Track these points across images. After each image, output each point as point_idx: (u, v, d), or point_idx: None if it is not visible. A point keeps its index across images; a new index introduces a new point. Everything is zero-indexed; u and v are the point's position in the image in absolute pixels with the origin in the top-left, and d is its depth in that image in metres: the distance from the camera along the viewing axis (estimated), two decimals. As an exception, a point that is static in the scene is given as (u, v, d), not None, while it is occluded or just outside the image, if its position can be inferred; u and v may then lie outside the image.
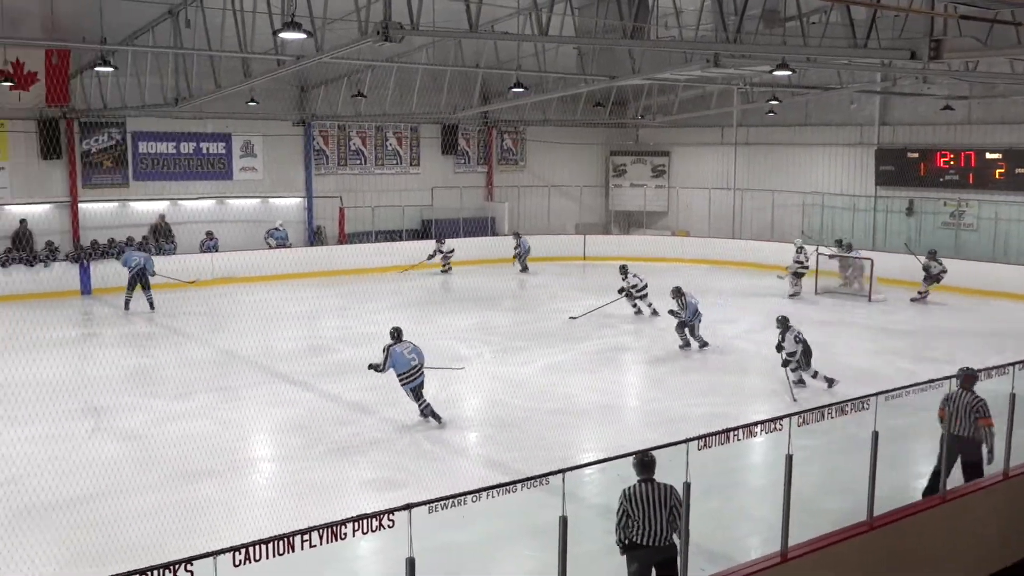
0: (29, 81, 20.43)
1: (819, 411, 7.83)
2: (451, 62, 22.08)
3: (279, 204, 26.83)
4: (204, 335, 18.23)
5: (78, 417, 12.28)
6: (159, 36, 18.53)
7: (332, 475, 10.24)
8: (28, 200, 22.84)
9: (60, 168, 23.34)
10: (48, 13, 18.57)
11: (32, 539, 8.28)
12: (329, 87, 26.11)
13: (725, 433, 7.08)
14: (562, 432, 11.91)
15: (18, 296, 20.75)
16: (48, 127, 22.75)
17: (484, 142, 30.90)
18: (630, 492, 6.92)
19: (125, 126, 24.12)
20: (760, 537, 8.60)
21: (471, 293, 20.75)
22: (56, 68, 20.62)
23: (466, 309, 20.33)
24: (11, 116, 22.15)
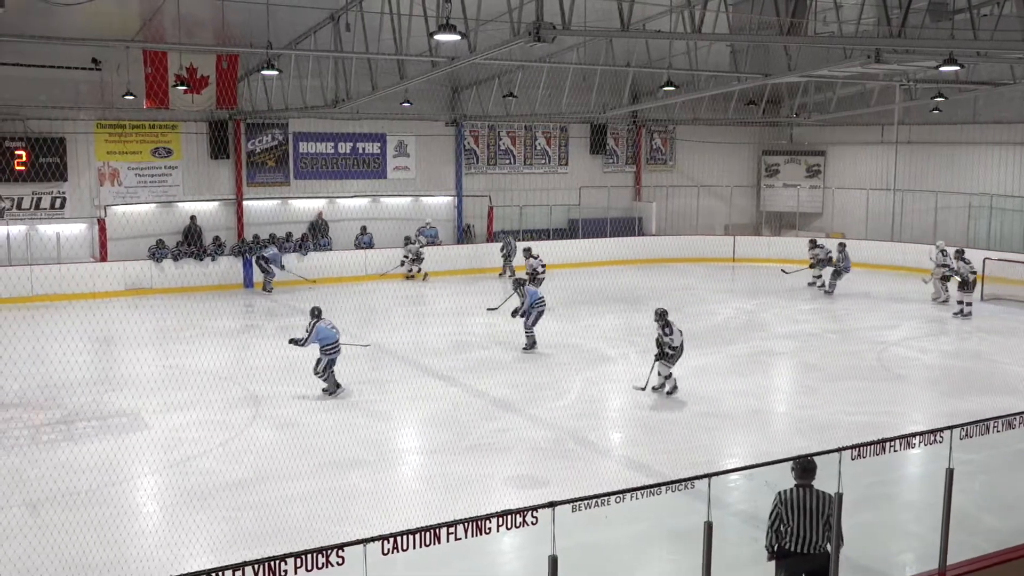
0: (201, 85, 21.60)
1: (983, 424, 7.42)
2: (602, 61, 22.04)
3: (430, 202, 27.44)
4: (356, 329, 18.83)
5: (240, 405, 12.92)
6: (320, 40, 19.28)
7: (477, 470, 10.40)
8: (198, 197, 24.22)
9: (227, 167, 24.62)
10: (219, 21, 19.58)
11: (199, 518, 8.78)
12: (480, 87, 26.51)
13: (881, 444, 6.81)
14: (708, 436, 11.72)
15: (188, 288, 22.03)
16: (217, 128, 24.08)
17: (633, 141, 30.70)
18: (786, 496, 6.74)
19: (287, 127, 25.23)
20: (915, 554, 8.23)
21: (616, 293, 20.64)
22: (226, 72, 21.73)
23: (611, 309, 20.26)
24: (185, 119, 23.54)
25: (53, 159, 22.15)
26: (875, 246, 27.48)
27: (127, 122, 23.12)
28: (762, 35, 18.43)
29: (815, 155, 31.42)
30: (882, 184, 29.34)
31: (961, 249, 21.01)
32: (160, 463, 10.58)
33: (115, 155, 23.16)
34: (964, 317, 19.27)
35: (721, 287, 24.11)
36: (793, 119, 29.81)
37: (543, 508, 5.56)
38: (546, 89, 25.36)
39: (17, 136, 21.75)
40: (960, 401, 13.22)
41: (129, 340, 17.12)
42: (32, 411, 12.56)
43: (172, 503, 9.47)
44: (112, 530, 8.54)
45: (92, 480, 9.76)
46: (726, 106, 28.08)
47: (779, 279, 23.12)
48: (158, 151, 23.67)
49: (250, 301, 21.96)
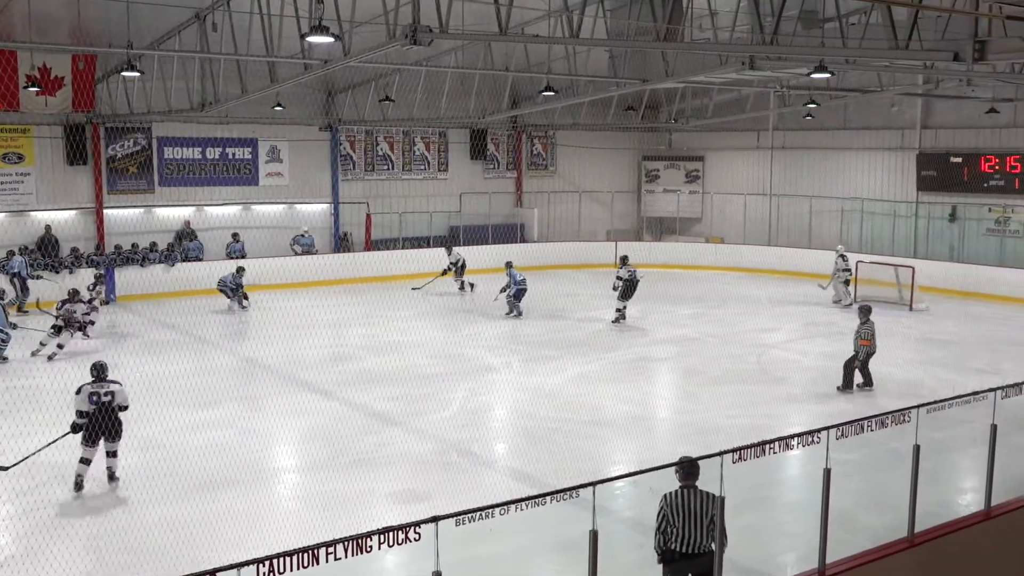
0: (55, 86, 20.74)
1: (858, 424, 7.75)
2: (480, 65, 22.15)
3: (305, 210, 27.02)
4: (227, 343, 18.38)
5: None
6: (185, 40, 18.77)
7: (357, 486, 10.28)
8: (54, 206, 23.17)
9: (86, 174, 23.65)
10: (75, 19, 18.84)
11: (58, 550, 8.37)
12: (356, 91, 26.28)
13: (760, 446, 7.03)
14: (592, 444, 11.88)
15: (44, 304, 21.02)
16: (74, 133, 23.08)
17: (513, 147, 30.94)
18: (671, 498, 6.92)
19: (151, 131, 24.42)
20: (797, 554, 8.53)
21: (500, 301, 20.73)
22: (82, 73, 20.92)
23: (494, 318, 20.34)
24: (37, 122, 22.49)
25: None
26: (753, 250, 28.48)
27: (-28, 125, 21.96)
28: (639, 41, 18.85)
29: (694, 160, 32.33)
30: (759, 189, 30.45)
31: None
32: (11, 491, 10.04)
33: (-41, 160, 21.97)
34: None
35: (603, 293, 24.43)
36: (672, 124, 30.62)
37: (426, 523, 5.53)
38: (424, 93, 25.34)
39: None
40: (838, 402, 13.78)
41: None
42: None
43: (25, 534, 9.00)
44: (-41, 566, 8.08)
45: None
46: (606, 111, 28.63)
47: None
48: (8, 157, 22.53)
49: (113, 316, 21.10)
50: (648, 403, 14.45)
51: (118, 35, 17.57)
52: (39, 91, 20.05)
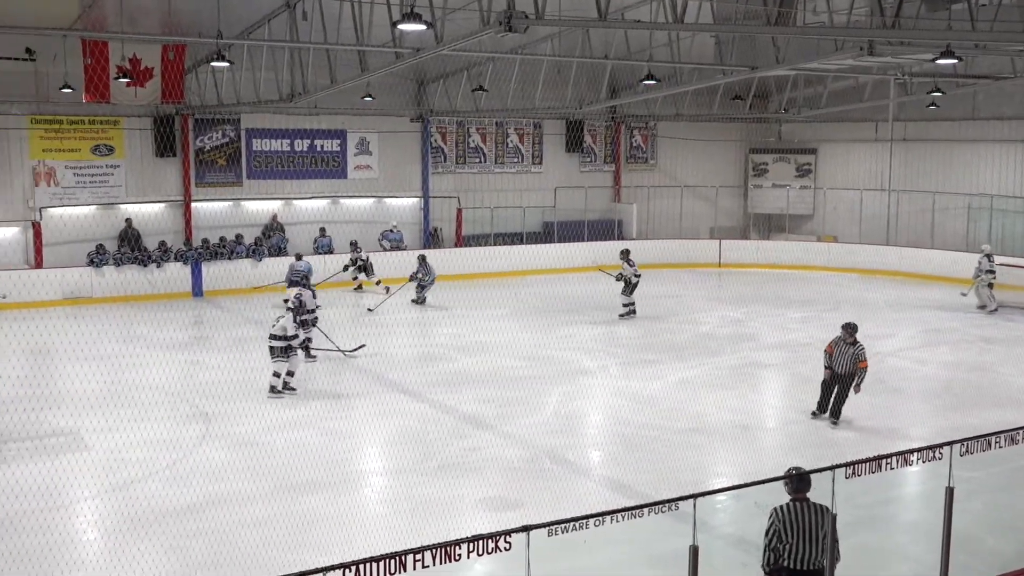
0: (145, 77, 21.42)
1: (985, 439, 7.51)
2: (578, 53, 22.12)
3: (394, 204, 27.40)
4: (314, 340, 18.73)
5: (188, 423, 12.83)
6: (275, 29, 19.20)
7: (446, 492, 10.38)
8: (142, 199, 24.02)
9: (174, 166, 24.45)
10: (166, 9, 19.46)
11: (144, 547, 8.68)
12: (448, 81, 26.52)
13: (876, 461, 6.87)
14: (693, 454, 11.77)
15: (131, 297, 21.83)
16: (163, 124, 23.88)
17: (612, 139, 30.82)
18: (784, 512, 6.79)
19: (239, 123, 25.10)
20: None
21: (595, 301, 20.69)
22: (172, 64, 21.56)
23: (590, 319, 20.31)
24: (127, 113, 23.34)
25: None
26: (869, 250, 27.80)
27: (64, 117, 22.91)
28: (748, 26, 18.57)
29: (805, 153, 31.72)
30: (876, 184, 29.68)
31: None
32: (101, 487, 10.46)
33: (51, 153, 22.94)
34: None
35: (706, 294, 24.23)
36: (782, 115, 30.09)
37: (517, 532, 5.56)
38: (518, 83, 25.40)
39: (-58, 132, 21.49)
40: (961, 415, 13.38)
41: (67, 353, 16.92)
42: (-40, 431, 12.38)
43: (114, 530, 9.36)
44: (49, 560, 8.44)
45: (26, 505, 9.64)
46: (711, 101, 28.29)
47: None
48: (98, 148, 23.47)
49: (199, 311, 21.79)
50: (754, 412, 14.24)
51: (208, 25, 18.07)
52: (129, 82, 20.72)
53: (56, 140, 22.96)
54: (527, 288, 22.91)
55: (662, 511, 6.13)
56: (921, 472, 8.39)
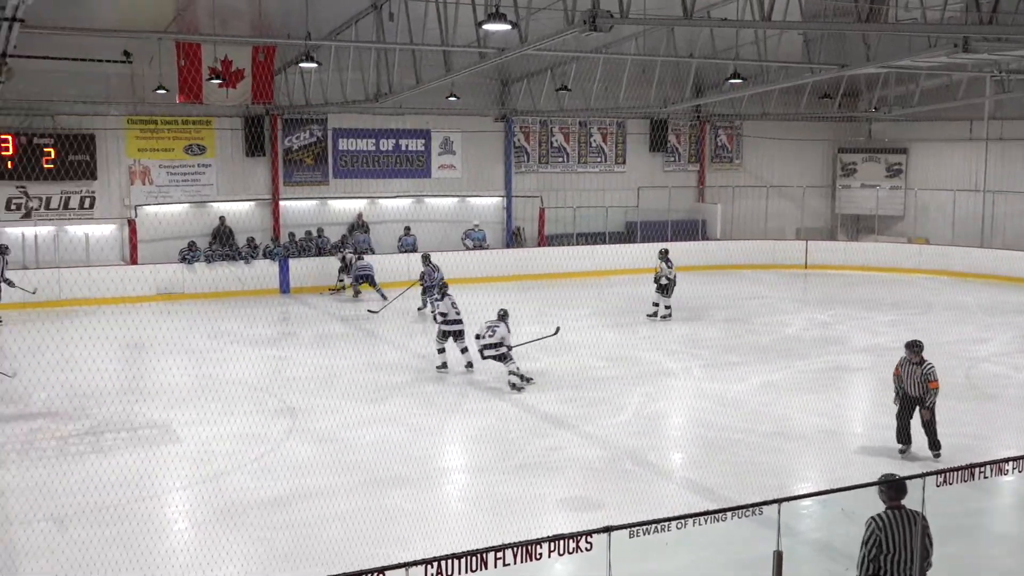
0: (236, 79, 21.92)
1: (1085, 449, 7.25)
2: (662, 52, 21.97)
3: (477, 203, 27.55)
4: (398, 338, 18.98)
5: (275, 417, 13.08)
6: (362, 30, 19.47)
7: (527, 491, 10.41)
8: (232, 197, 24.59)
9: (263, 165, 24.96)
10: (256, 10, 19.88)
11: (231, 537, 8.88)
12: (531, 81, 26.57)
13: (969, 469, 6.68)
14: (777, 458, 11.60)
15: (221, 293, 22.34)
16: (253, 124, 24.42)
17: (696, 138, 30.54)
18: (884, 521, 6.54)
19: (326, 123, 25.52)
20: (1009, 591, 8.07)
21: (678, 302, 20.52)
22: (262, 65, 22.03)
23: (672, 319, 20.15)
24: (219, 114, 23.93)
25: (83, 157, 22.69)
26: (963, 252, 27.03)
27: (159, 118, 23.58)
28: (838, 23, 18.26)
29: (896, 153, 30.98)
30: (971, 184, 28.82)
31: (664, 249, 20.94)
32: (191, 478, 10.74)
33: (146, 152, 23.63)
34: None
35: (792, 296, 23.86)
36: (872, 114, 29.42)
37: (598, 533, 5.55)
38: (602, 82, 25.34)
39: (46, 133, 22.30)
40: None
41: (160, 347, 17.43)
42: (59, 421, 12.83)
43: (203, 521, 9.60)
44: (141, 548, 8.69)
45: (121, 495, 9.94)
46: (798, 100, 27.83)
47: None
48: (191, 148, 24.09)
49: (286, 307, 22.22)
50: (841, 416, 13.97)
51: (297, 26, 18.42)
52: (221, 83, 21.24)
53: (151, 140, 23.65)
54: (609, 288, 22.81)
55: (745, 515, 6.06)
56: (1016, 482, 8.14)
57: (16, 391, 13.62)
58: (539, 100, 26.72)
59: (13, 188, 22.35)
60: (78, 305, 20.39)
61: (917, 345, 11.56)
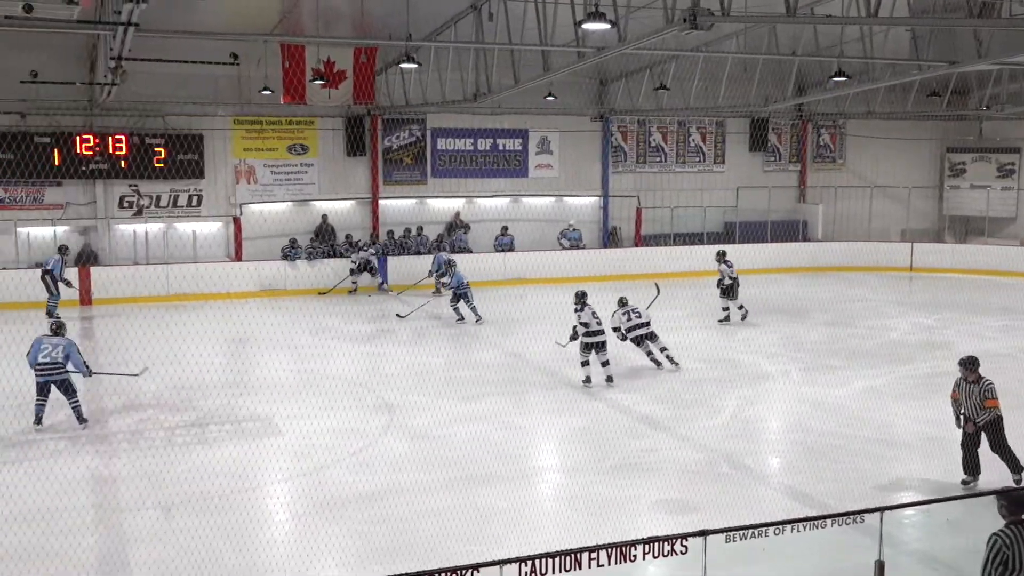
0: (339, 79, 22.34)
1: None
2: (764, 50, 21.62)
3: (574, 203, 27.54)
4: (493, 336, 19.08)
5: (373, 413, 13.28)
6: (461, 31, 19.63)
7: (621, 492, 10.35)
8: (333, 196, 25.08)
9: (363, 165, 25.39)
10: (358, 12, 20.22)
11: (330, 530, 9.06)
12: (630, 80, 26.44)
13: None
14: (880, 465, 11.30)
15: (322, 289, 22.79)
16: (354, 124, 24.88)
17: (798, 137, 30.01)
18: (1007, 538, 6.13)
19: (425, 123, 25.84)
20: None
21: (777, 304, 20.17)
22: (364, 66, 22.41)
23: (771, 321, 19.83)
24: (321, 114, 24.43)
25: (191, 156, 23.42)
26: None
27: (264, 118, 24.19)
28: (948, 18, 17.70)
29: (1008, 152, 29.92)
30: (1088, 185, 27.69)
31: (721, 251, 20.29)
32: (292, 471, 10.98)
33: (251, 152, 24.26)
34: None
35: (897, 299, 23.24)
36: (983, 112, 28.42)
37: (694, 536, 5.51)
38: (701, 81, 25.06)
39: (157, 133, 23.07)
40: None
41: (262, 343, 17.87)
42: (167, 413, 13.26)
43: (303, 513, 9.81)
44: (243, 537, 8.91)
45: (224, 485, 10.22)
46: (905, 98, 27.08)
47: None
48: (294, 148, 24.64)
49: (384, 305, 22.53)
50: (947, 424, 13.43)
51: (397, 27, 18.67)
52: (324, 84, 21.67)
53: (256, 140, 24.28)
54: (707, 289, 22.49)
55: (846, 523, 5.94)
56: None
57: (126, 383, 14.12)
58: (637, 99, 26.57)
59: (126, 187, 23.22)
60: (185, 300, 21.02)
61: (972, 362, 10.52)
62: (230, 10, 20.52)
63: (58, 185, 22.83)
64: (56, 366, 12.16)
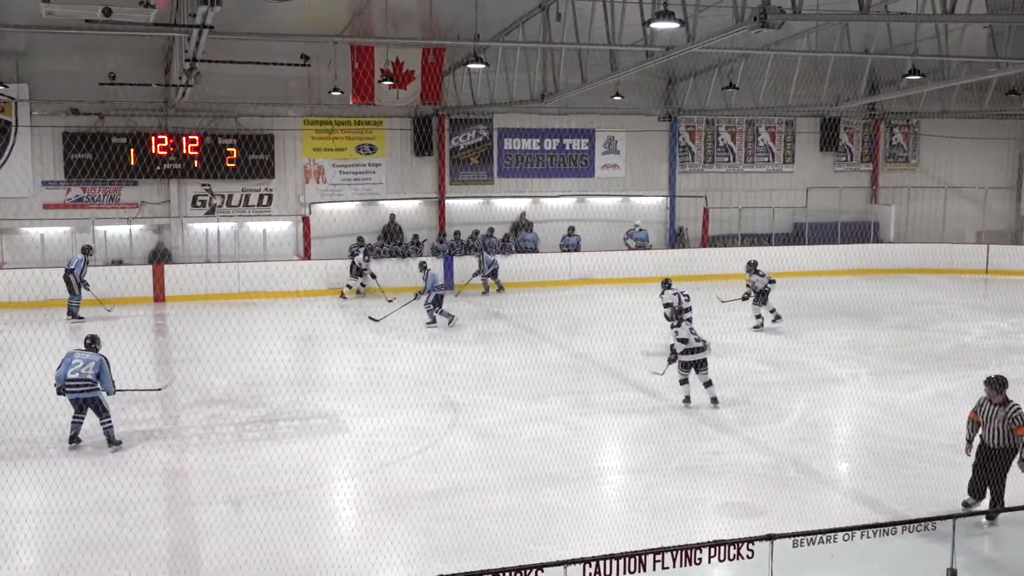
0: (407, 80, 22.54)
1: None
2: (836, 48, 21.30)
3: (640, 203, 27.41)
4: (558, 336, 19.07)
5: (438, 411, 13.36)
6: (529, 31, 19.66)
7: (686, 494, 10.28)
8: (400, 195, 25.29)
9: (430, 165, 25.56)
10: (427, 13, 20.36)
11: (395, 527, 9.14)
12: (698, 79, 26.23)
13: None
14: (952, 472, 11.02)
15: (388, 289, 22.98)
16: (421, 125, 25.06)
17: (870, 137, 29.50)
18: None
19: (492, 123, 25.92)
20: None
21: (847, 307, 19.85)
22: (432, 67, 22.57)
23: (841, 324, 19.52)
24: (389, 115, 24.66)
25: (262, 156, 23.82)
26: None
27: (333, 119, 24.48)
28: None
29: (1090, 152, 29.08)
30: None
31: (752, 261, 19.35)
32: (358, 468, 11.09)
33: (321, 152, 24.57)
34: None
35: (971, 303, 22.72)
36: (1064, 110, 27.71)
37: (760, 541, 5.46)
38: (771, 80, 24.77)
39: (229, 133, 23.49)
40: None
41: (330, 340, 18.09)
42: (237, 408, 13.49)
43: (368, 509, 9.91)
44: (310, 533, 9.04)
45: (292, 481, 10.37)
46: (981, 97, 26.44)
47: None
48: (362, 148, 24.90)
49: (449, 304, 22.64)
50: (1022, 431, 13.19)
51: (466, 28, 18.77)
52: (392, 85, 21.87)
53: (326, 140, 24.59)
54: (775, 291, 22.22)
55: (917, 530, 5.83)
56: None
57: (198, 378, 14.40)
58: (705, 99, 26.35)
59: (199, 186, 23.68)
60: (255, 298, 21.38)
61: (999, 381, 9.36)
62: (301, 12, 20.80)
63: (134, 185, 23.38)
64: (86, 383, 11.35)
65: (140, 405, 12.75)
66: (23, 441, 11.73)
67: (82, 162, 22.54)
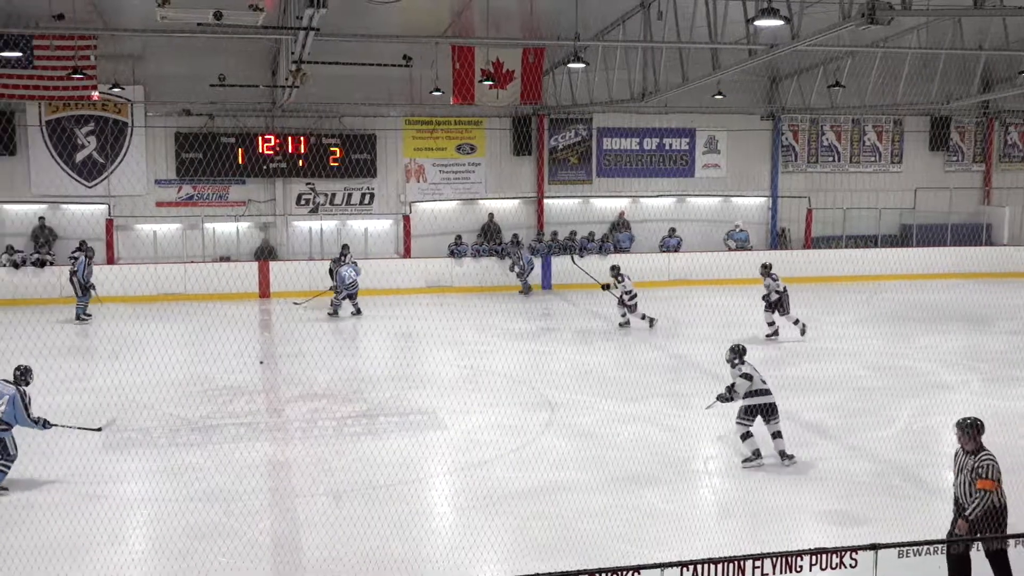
0: (507, 80, 22.60)
1: None
2: (947, 45, 20.61)
3: (741, 203, 27.02)
4: (657, 338, 18.91)
5: (535, 410, 13.39)
6: (629, 30, 19.53)
7: (786, 500, 10.09)
8: (500, 195, 25.42)
9: (529, 164, 25.64)
10: (527, 12, 20.41)
11: (491, 524, 9.18)
12: (802, 77, 25.72)
13: None
14: (1068, 485, 10.61)
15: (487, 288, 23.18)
16: (521, 124, 25.16)
17: (983, 136, 28.49)
18: None
19: (591, 122, 25.86)
20: None
21: (958, 311, 19.22)
22: (532, 66, 22.58)
23: (951, 329, 18.91)
24: (489, 114, 24.80)
25: (365, 155, 24.24)
26: None
27: (434, 119, 24.74)
28: None
29: None
30: None
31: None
32: (455, 464, 11.19)
33: (421, 152, 24.87)
34: None
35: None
36: None
37: (864, 550, 5.33)
38: (879, 78, 24.11)
39: (333, 133, 23.96)
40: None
41: (429, 338, 18.29)
42: (338, 403, 13.74)
43: (465, 506, 9.99)
44: (408, 527, 9.15)
45: (391, 475, 10.52)
46: (1103, 93, 25.31)
47: None
48: (462, 148, 25.11)
49: (548, 303, 22.68)
50: None
51: (566, 27, 18.72)
52: (492, 85, 21.97)
53: (426, 140, 24.89)
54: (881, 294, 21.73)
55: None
56: None
57: (302, 374, 14.71)
58: (809, 97, 25.82)
59: (303, 185, 24.20)
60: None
61: (972, 425, 7.79)
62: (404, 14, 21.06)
63: (241, 183, 24.03)
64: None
65: (246, 398, 13.12)
66: (136, 431, 12.16)
67: (193, 161, 23.26)
